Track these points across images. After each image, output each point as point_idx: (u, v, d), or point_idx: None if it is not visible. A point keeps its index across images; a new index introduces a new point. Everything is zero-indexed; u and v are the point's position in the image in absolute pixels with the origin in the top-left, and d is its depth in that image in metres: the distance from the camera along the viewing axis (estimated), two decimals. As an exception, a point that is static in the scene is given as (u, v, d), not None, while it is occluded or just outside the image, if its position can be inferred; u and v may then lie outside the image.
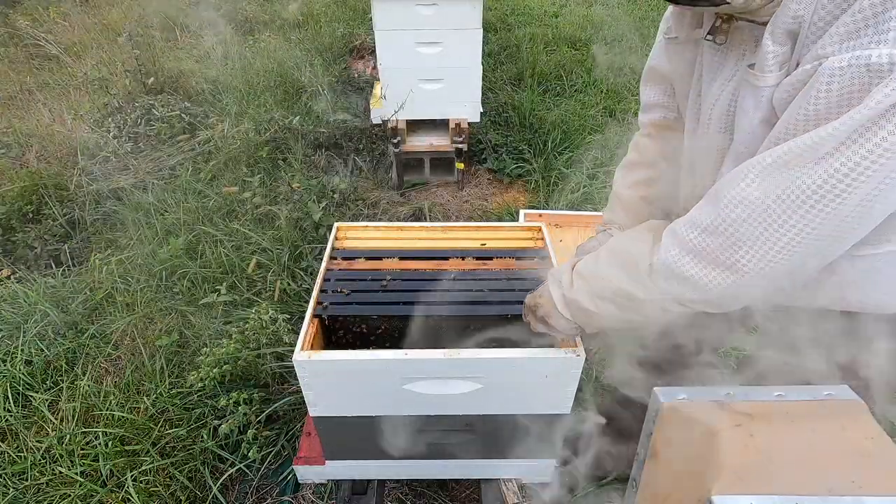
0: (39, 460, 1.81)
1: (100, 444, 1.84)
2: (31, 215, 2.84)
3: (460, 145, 3.23)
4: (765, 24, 0.78)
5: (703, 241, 0.82)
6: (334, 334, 1.46)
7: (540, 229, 1.65)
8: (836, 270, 0.92)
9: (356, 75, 4.65)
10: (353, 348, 1.53)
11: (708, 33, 0.87)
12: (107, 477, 1.74)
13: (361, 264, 1.53)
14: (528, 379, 1.25)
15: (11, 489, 1.73)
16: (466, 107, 3.22)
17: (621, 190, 1.29)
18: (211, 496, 1.71)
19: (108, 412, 1.93)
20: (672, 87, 1.18)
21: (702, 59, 0.94)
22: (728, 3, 0.75)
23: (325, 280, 1.45)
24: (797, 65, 0.74)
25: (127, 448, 1.82)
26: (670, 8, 1.02)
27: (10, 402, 1.99)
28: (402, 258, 1.54)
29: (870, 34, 0.63)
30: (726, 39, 0.86)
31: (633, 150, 1.29)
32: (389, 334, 1.47)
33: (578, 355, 1.21)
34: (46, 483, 1.75)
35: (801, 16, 0.71)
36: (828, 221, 0.71)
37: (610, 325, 1.04)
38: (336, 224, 1.66)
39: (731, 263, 0.80)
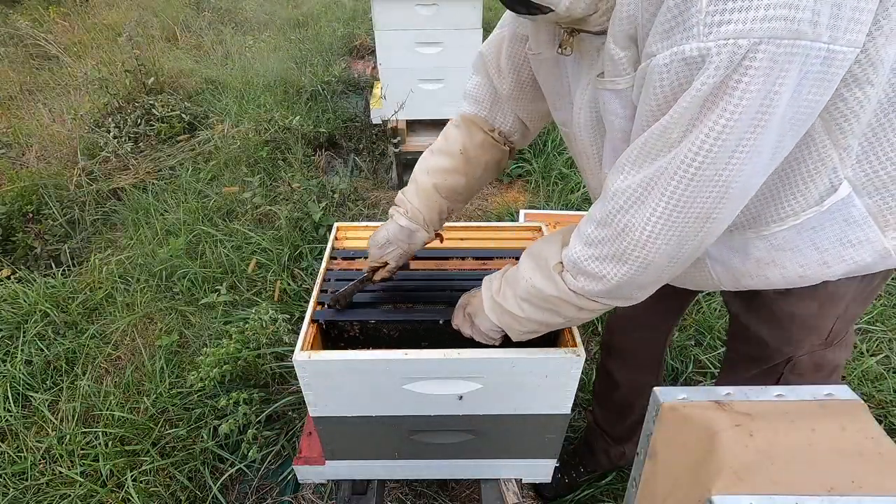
0: (39, 460, 1.81)
1: (100, 444, 1.84)
2: (31, 215, 2.84)
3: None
4: (599, 33, 0.83)
5: (597, 232, 0.87)
6: (333, 334, 1.46)
7: (540, 229, 1.65)
8: (751, 252, 0.96)
9: (356, 75, 4.66)
10: (353, 348, 1.53)
11: (558, 46, 0.91)
12: (107, 477, 1.74)
13: (361, 264, 1.52)
14: (528, 379, 1.25)
15: (11, 489, 1.73)
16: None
17: (418, 173, 1.28)
18: (211, 496, 1.71)
19: (108, 412, 1.93)
20: (492, 86, 1.21)
21: (567, 72, 0.98)
22: (552, 9, 0.78)
23: (325, 280, 1.45)
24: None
25: (127, 448, 1.82)
26: (527, 22, 1.04)
27: (10, 402, 1.99)
28: (401, 258, 1.54)
29: (679, 30, 0.67)
30: (572, 51, 0.90)
31: (441, 136, 1.28)
32: (388, 335, 1.47)
33: (578, 355, 1.21)
34: (46, 483, 1.75)
35: (633, 16, 0.74)
36: (690, 202, 0.75)
37: (532, 328, 1.07)
38: (336, 224, 1.66)
39: (620, 253, 0.84)
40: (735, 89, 0.66)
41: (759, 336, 1.15)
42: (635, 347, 1.52)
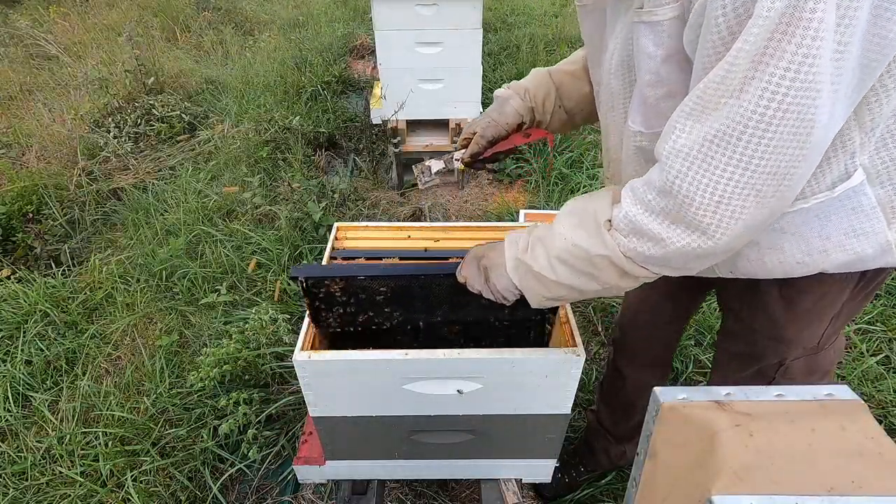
0: (39, 460, 1.81)
1: (100, 444, 1.84)
2: (31, 215, 2.84)
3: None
4: None
5: (660, 202, 0.79)
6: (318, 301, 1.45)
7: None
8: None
9: (356, 75, 4.66)
10: (353, 345, 1.53)
11: None
12: (107, 477, 1.74)
13: (361, 264, 1.52)
14: (528, 379, 1.25)
15: (11, 489, 1.73)
16: (466, 107, 3.22)
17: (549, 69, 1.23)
18: (211, 496, 1.71)
19: (108, 412, 1.93)
20: None
21: (605, 20, 0.93)
22: None
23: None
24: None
25: (127, 448, 1.82)
26: None
27: (10, 402, 1.99)
28: (402, 258, 1.54)
29: None
30: None
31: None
32: (379, 299, 1.46)
33: (578, 355, 1.21)
34: (46, 483, 1.75)
35: None
36: (766, 157, 0.68)
37: (560, 293, 0.96)
38: (336, 224, 1.66)
39: (689, 220, 0.76)
40: (807, 12, 0.58)
41: (751, 332, 1.13)
42: (645, 346, 1.52)
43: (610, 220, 0.86)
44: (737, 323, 1.18)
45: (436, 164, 1.26)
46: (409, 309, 1.27)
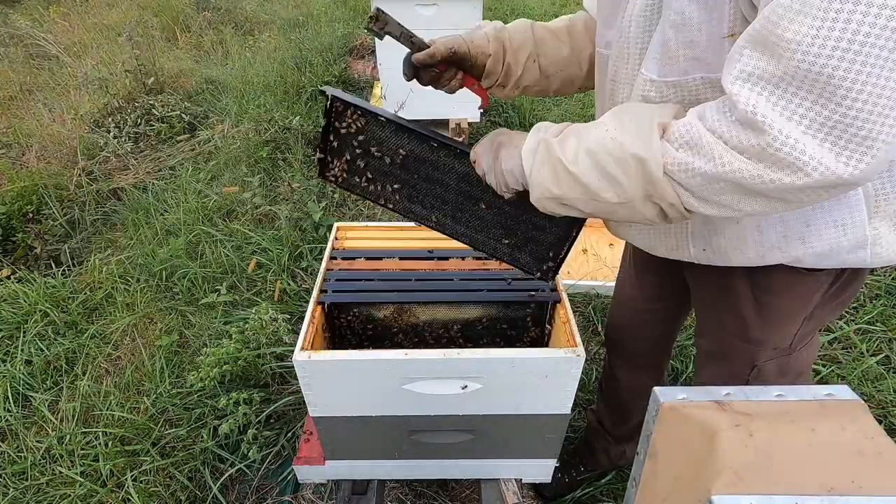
0: (39, 460, 1.81)
1: (100, 444, 1.84)
2: (31, 215, 2.84)
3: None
4: None
5: (736, 131, 0.69)
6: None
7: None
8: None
9: (356, 75, 4.66)
10: (353, 345, 1.53)
11: None
12: (107, 477, 1.74)
13: (361, 264, 1.53)
14: (528, 379, 1.25)
15: (11, 489, 1.73)
16: (466, 107, 3.22)
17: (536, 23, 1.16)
18: (211, 496, 1.71)
19: (108, 412, 1.93)
20: None
21: None
22: None
23: (325, 280, 1.46)
24: None
25: (127, 448, 1.82)
26: None
27: (10, 402, 1.99)
28: (402, 258, 1.55)
29: None
30: None
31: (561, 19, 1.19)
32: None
33: (578, 355, 1.21)
34: (46, 483, 1.75)
35: None
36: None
37: (565, 193, 0.84)
38: (336, 224, 1.67)
39: (773, 155, 0.66)
40: None
41: (723, 332, 1.13)
42: (636, 348, 1.52)
43: (665, 127, 0.77)
44: (709, 321, 1.17)
45: (392, 30, 1.07)
46: (412, 189, 1.14)
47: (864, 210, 0.85)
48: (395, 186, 1.15)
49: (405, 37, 1.07)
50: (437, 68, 1.08)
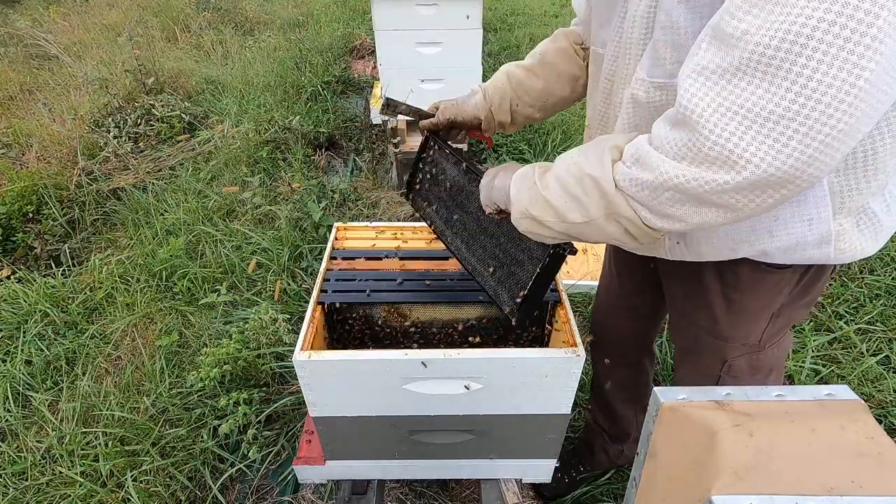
0: (39, 460, 1.81)
1: (100, 444, 1.84)
2: (31, 215, 2.85)
3: (460, 145, 3.23)
4: None
5: (672, 135, 0.72)
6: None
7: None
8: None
9: (356, 75, 4.66)
10: (353, 344, 1.53)
11: None
12: (107, 477, 1.74)
13: (361, 264, 1.53)
14: (528, 379, 1.25)
15: (11, 489, 1.73)
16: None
17: (513, 65, 1.30)
18: (211, 496, 1.71)
19: (108, 412, 1.93)
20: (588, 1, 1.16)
21: None
22: None
23: (325, 280, 1.45)
24: None
25: (127, 448, 1.82)
26: None
27: (10, 402, 1.99)
28: (402, 258, 1.55)
29: None
30: None
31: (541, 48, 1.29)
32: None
33: (578, 355, 1.21)
34: (46, 483, 1.75)
35: None
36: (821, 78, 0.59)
37: (543, 214, 0.90)
38: (336, 224, 1.67)
39: (707, 154, 0.67)
40: None
41: (694, 328, 1.15)
42: (616, 348, 1.54)
43: (620, 149, 0.82)
44: (681, 318, 1.20)
45: (402, 111, 1.33)
46: (449, 212, 1.34)
47: (829, 205, 0.86)
48: (442, 211, 1.36)
49: (413, 112, 1.33)
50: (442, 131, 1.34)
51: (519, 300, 1.13)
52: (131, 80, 3.98)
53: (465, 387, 1.27)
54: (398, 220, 3.07)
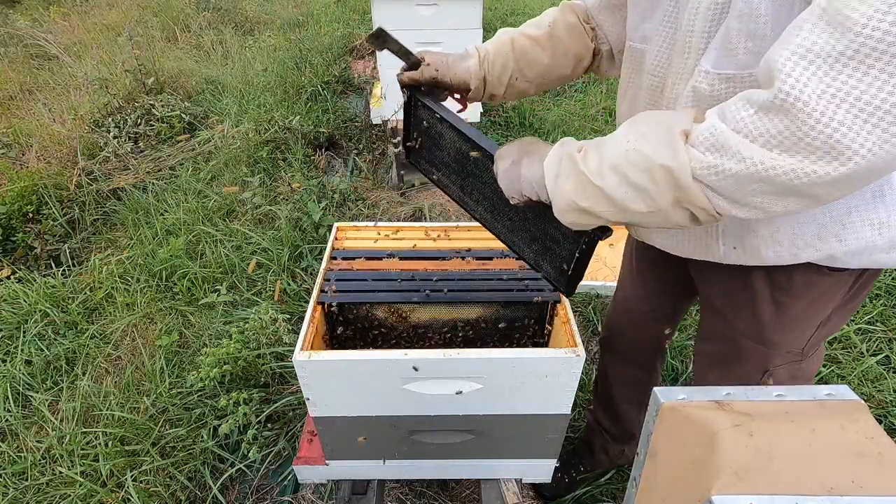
0: (39, 460, 1.81)
1: (100, 444, 1.84)
2: (31, 215, 2.85)
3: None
4: None
5: (762, 121, 0.66)
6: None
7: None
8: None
9: (356, 75, 4.66)
10: (353, 344, 1.53)
11: None
12: (107, 477, 1.74)
13: (361, 264, 1.53)
14: (528, 379, 1.25)
15: (11, 489, 1.73)
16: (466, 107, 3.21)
17: (501, 31, 1.19)
18: (211, 496, 1.71)
19: (108, 412, 1.93)
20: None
21: None
22: None
23: (325, 280, 1.45)
24: None
25: (127, 448, 1.82)
26: None
27: (10, 402, 1.99)
28: (402, 258, 1.55)
29: None
30: None
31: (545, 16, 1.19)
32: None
33: (578, 355, 1.21)
34: (46, 483, 1.75)
35: None
36: None
37: (598, 205, 0.82)
38: (336, 224, 1.67)
39: (811, 141, 0.63)
40: None
41: (734, 333, 1.10)
42: (629, 348, 1.52)
43: (687, 133, 0.74)
44: (719, 323, 1.14)
45: (392, 47, 1.14)
46: (464, 181, 1.19)
47: None
48: (453, 177, 1.21)
49: (402, 52, 1.14)
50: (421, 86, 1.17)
51: (565, 270, 1.06)
52: (131, 80, 3.98)
53: (457, 392, 1.27)
54: (398, 220, 3.07)
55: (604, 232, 0.95)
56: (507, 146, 0.97)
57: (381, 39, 1.11)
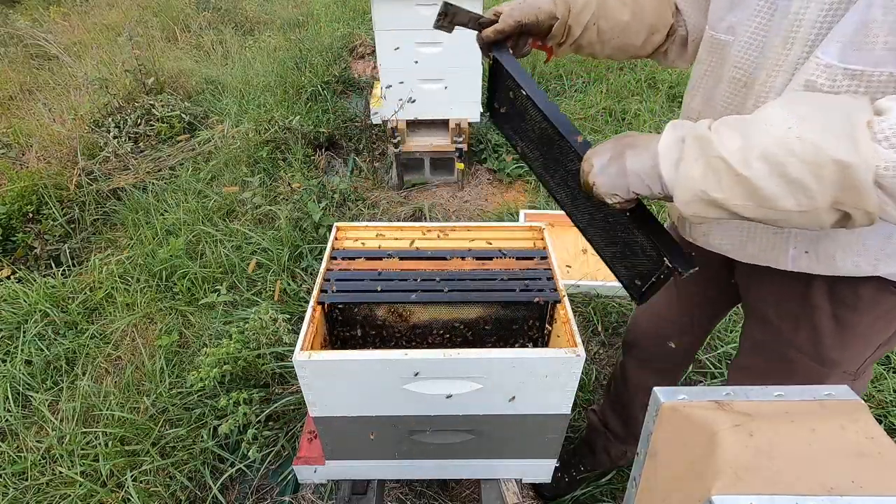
0: (39, 460, 1.81)
1: (100, 444, 1.84)
2: (31, 215, 2.85)
3: (460, 145, 3.23)
4: None
5: None
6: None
7: (540, 229, 1.65)
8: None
9: (356, 75, 4.66)
10: (354, 344, 1.53)
11: None
12: (107, 477, 1.74)
13: (361, 264, 1.53)
14: (528, 379, 1.25)
15: (11, 489, 1.73)
16: (466, 107, 3.22)
17: None
18: (211, 496, 1.71)
19: (108, 412, 1.93)
20: None
21: None
22: None
23: (325, 280, 1.45)
24: None
25: (127, 448, 1.82)
26: None
27: (10, 402, 1.99)
28: (402, 258, 1.55)
29: None
30: None
31: None
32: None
33: (578, 355, 1.21)
34: (46, 483, 1.75)
35: None
36: None
37: (733, 198, 0.71)
38: (336, 224, 1.67)
39: None
40: None
41: (786, 347, 1.03)
42: (657, 355, 1.46)
43: (870, 124, 0.64)
44: (771, 337, 1.06)
45: (461, 20, 1.06)
46: (546, 160, 1.10)
47: None
48: (536, 153, 1.12)
49: (473, 21, 1.06)
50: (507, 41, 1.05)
51: (639, 286, 0.98)
52: (131, 80, 3.98)
53: (447, 396, 1.26)
54: (398, 220, 3.07)
55: (688, 266, 0.85)
56: (600, 145, 0.86)
57: (450, 17, 1.04)
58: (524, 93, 1.05)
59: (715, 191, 0.71)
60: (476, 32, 1.06)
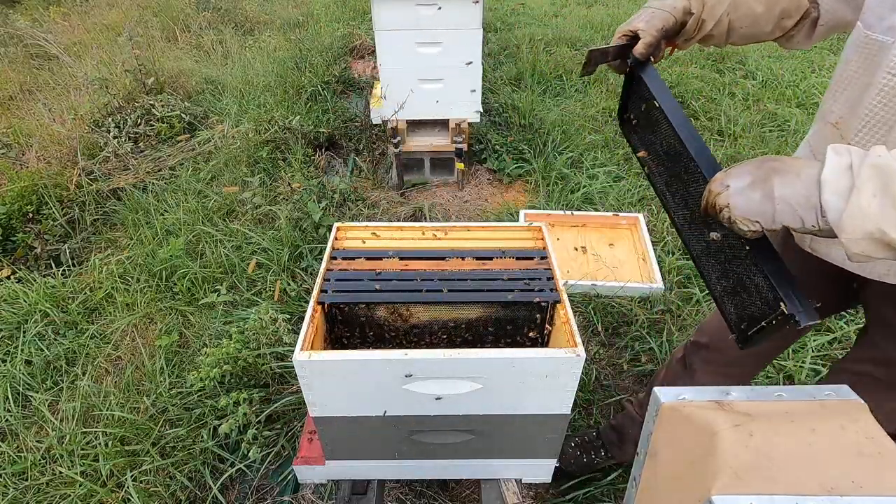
0: (39, 460, 1.81)
1: (100, 444, 1.84)
2: (31, 215, 2.85)
3: (460, 145, 3.23)
4: None
5: None
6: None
7: (540, 229, 1.65)
8: None
9: (356, 75, 4.66)
10: (353, 344, 1.53)
11: None
12: (107, 477, 1.74)
13: (361, 264, 1.53)
14: (528, 379, 1.25)
15: (11, 489, 1.73)
16: (466, 107, 3.22)
17: None
18: (211, 496, 1.71)
19: (108, 412, 1.93)
20: None
21: None
22: None
23: (325, 280, 1.46)
24: None
25: (127, 448, 1.82)
26: None
27: (10, 402, 1.99)
28: (402, 258, 1.55)
29: None
30: None
31: None
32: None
33: (578, 355, 1.21)
34: (46, 483, 1.75)
35: None
36: None
37: None
38: (336, 224, 1.67)
39: None
40: None
41: None
42: (733, 359, 1.38)
43: None
44: (886, 339, 1.02)
45: (608, 58, 1.08)
46: (670, 176, 1.08)
47: None
48: (660, 168, 1.09)
49: (614, 52, 1.08)
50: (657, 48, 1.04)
51: (744, 329, 0.91)
52: (131, 80, 3.98)
53: (437, 398, 1.26)
54: (398, 220, 3.07)
55: (809, 317, 0.76)
56: (736, 166, 0.78)
57: (594, 61, 1.07)
58: (658, 105, 1.03)
59: (894, 231, 0.63)
60: (618, 61, 1.08)
